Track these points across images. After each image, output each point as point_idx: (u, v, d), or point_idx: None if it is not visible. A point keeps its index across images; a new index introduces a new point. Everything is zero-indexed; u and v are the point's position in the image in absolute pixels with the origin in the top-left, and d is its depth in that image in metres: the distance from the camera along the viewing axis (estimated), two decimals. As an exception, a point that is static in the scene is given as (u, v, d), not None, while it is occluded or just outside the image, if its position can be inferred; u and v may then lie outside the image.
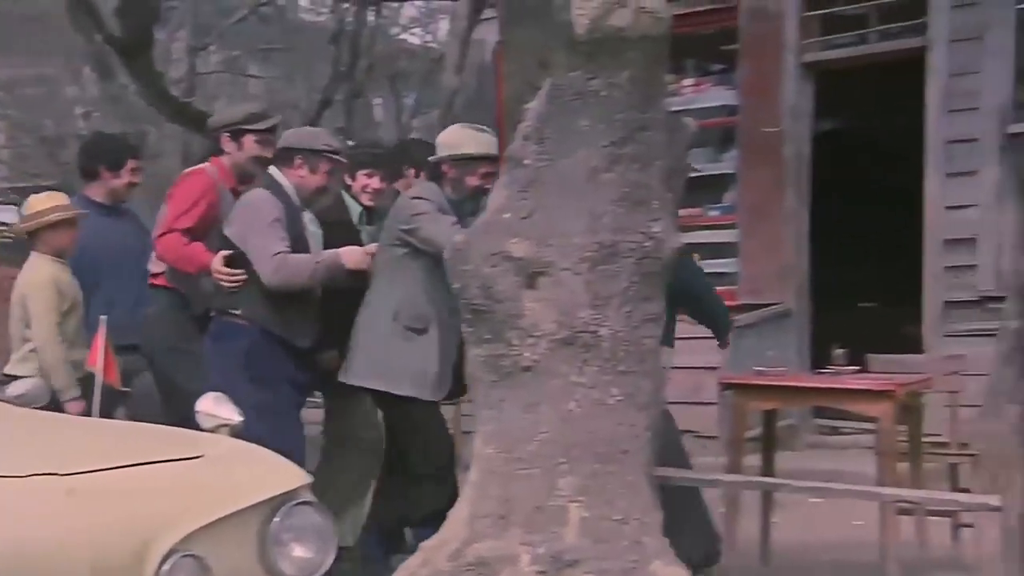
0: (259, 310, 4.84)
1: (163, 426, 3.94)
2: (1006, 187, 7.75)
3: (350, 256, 4.93)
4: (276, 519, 3.20)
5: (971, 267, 7.88)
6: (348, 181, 5.57)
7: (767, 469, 5.35)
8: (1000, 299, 7.21)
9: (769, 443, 5.44)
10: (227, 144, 5.26)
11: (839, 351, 5.21)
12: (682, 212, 7.97)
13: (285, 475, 3.37)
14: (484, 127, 5.16)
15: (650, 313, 3.96)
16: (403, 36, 17.90)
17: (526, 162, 3.95)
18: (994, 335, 6.75)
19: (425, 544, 3.98)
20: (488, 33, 9.12)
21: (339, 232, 5.39)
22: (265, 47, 16.58)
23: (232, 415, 3.66)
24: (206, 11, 15.09)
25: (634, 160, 3.87)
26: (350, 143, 11.93)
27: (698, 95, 9.28)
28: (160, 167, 15.17)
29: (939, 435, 5.80)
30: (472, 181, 4.99)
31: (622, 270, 3.89)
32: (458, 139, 5.01)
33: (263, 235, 4.81)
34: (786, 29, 8.56)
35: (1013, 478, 3.74)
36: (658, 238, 3.92)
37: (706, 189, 8.92)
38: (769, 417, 5.42)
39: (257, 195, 4.94)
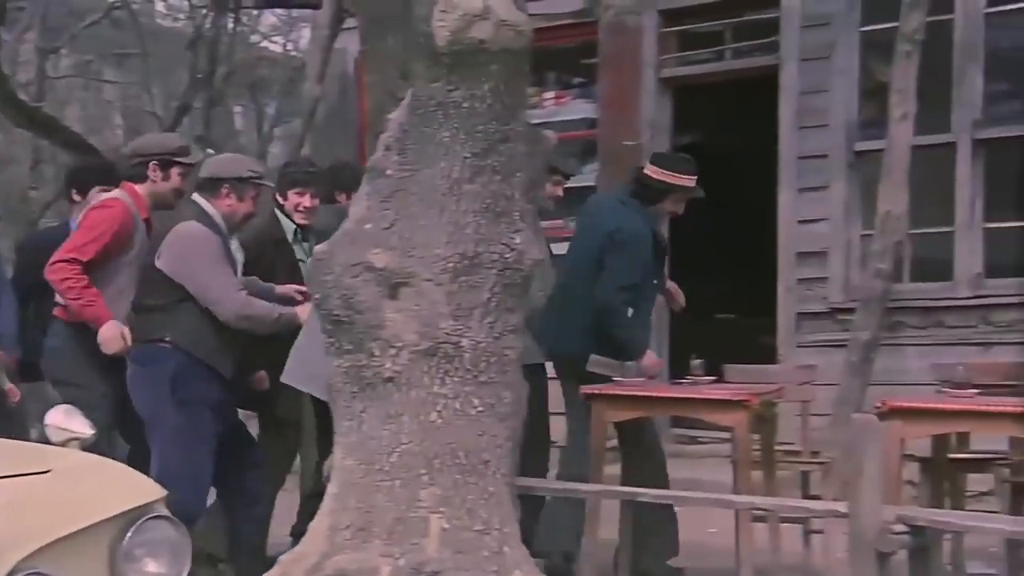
0: (187, 338, 4.83)
1: (9, 440, 3.81)
2: (853, 202, 8.00)
3: (305, 314, 4.94)
4: (128, 534, 3.12)
5: (822, 279, 8.10)
6: (280, 200, 5.57)
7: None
8: (849, 311, 7.45)
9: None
10: (154, 172, 5.20)
11: (697, 361, 5.30)
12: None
13: (138, 489, 3.29)
14: None
15: (512, 324, 3.99)
16: (264, 44, 17.69)
17: (388, 172, 3.94)
18: (843, 346, 6.99)
19: (283, 558, 3.93)
20: (350, 43, 9.05)
21: (275, 251, 5.40)
22: (120, 52, 16.20)
23: (83, 428, 3.56)
24: (56, 13, 14.66)
25: (496, 171, 3.90)
26: (210, 151, 11.71)
27: (559, 108, 9.37)
28: (11, 173, 14.73)
29: (791, 443, 5.95)
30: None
31: (484, 281, 3.91)
32: None
33: (217, 275, 4.81)
34: (645, 44, 8.69)
35: (861, 485, 3.85)
36: (520, 249, 3.95)
37: (567, 201, 8.99)
38: (622, 427, 5.48)
39: (194, 229, 4.88)
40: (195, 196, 5.03)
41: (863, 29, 7.94)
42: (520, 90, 3.96)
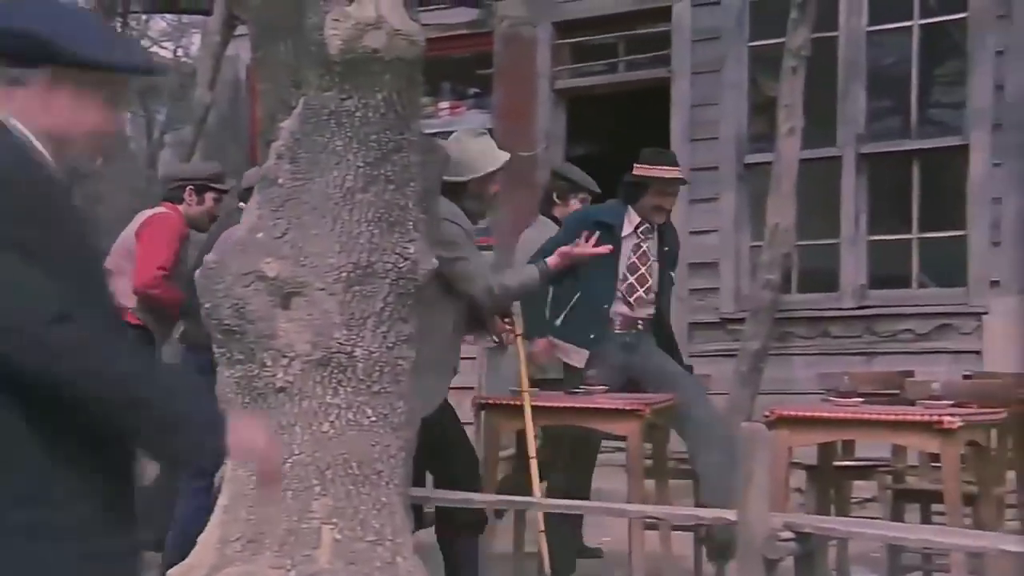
0: None
1: None
2: (743, 214, 8.14)
3: None
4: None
5: (713, 290, 8.22)
6: None
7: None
8: (739, 321, 7.58)
9: (523, 462, 5.51)
10: (189, 196, 5.71)
11: (591, 371, 5.33)
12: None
13: None
14: (482, 130, 5.34)
15: (405, 333, 3.98)
16: (154, 49, 17.40)
17: (280, 181, 3.91)
18: (734, 355, 7.10)
19: (172, 571, 3.87)
20: (242, 49, 8.95)
21: None
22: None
23: None
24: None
25: (389, 181, 3.89)
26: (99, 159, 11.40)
27: (455, 118, 9.38)
28: None
29: (684, 452, 6.02)
30: (493, 189, 5.02)
31: (377, 291, 3.90)
32: (477, 156, 4.91)
33: None
34: (539, 56, 8.76)
35: (750, 493, 3.92)
36: (413, 259, 3.95)
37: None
38: (523, 437, 5.50)
39: None
40: (242, 205, 5.13)
41: (752, 44, 8.09)
42: (414, 100, 3.96)
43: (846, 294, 7.82)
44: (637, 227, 5.59)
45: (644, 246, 5.61)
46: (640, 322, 5.63)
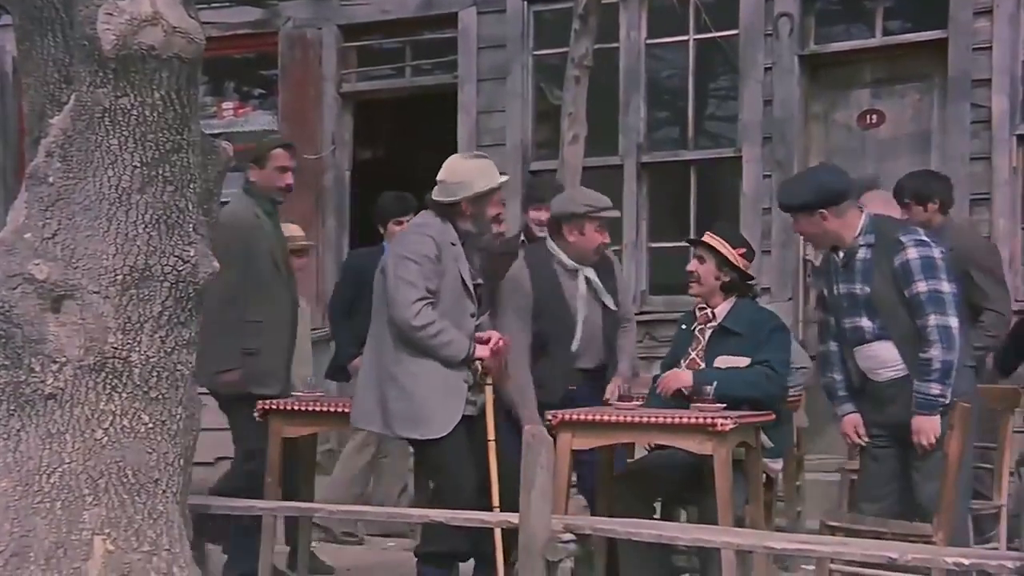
0: None
1: None
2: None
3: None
4: None
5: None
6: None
7: (305, 494, 5.37)
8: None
9: (309, 468, 5.47)
10: None
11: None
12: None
13: None
14: (481, 154, 5.20)
15: (185, 338, 3.90)
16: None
17: (50, 180, 3.78)
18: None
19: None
20: (8, 40, 8.57)
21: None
22: None
23: None
24: None
25: (168, 182, 3.80)
26: None
27: (239, 118, 9.23)
28: None
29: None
30: (491, 211, 4.97)
31: (155, 294, 3.82)
32: (470, 175, 4.81)
33: None
34: (324, 58, 8.70)
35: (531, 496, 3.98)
36: (193, 262, 3.87)
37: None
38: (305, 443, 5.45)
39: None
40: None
41: (536, 53, 8.23)
42: (193, 99, 3.86)
43: (627, 299, 8.00)
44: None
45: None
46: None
